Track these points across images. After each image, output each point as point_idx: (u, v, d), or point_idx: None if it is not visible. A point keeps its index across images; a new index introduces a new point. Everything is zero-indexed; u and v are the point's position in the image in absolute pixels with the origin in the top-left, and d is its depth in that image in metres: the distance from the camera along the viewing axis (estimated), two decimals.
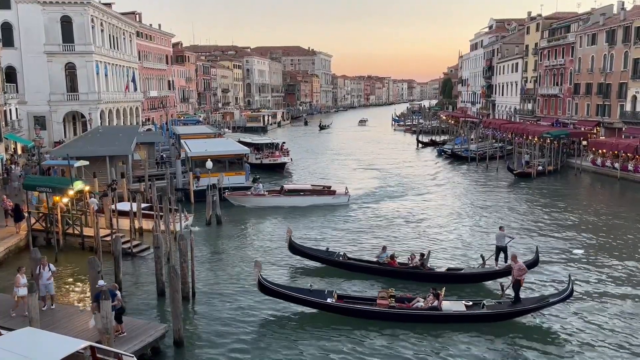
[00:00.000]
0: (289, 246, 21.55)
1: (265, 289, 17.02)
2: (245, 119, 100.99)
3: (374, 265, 20.74)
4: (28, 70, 52.74)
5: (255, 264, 17.23)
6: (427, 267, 20.28)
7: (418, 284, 19.16)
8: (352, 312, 16.73)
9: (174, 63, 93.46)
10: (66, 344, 11.73)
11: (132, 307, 18.03)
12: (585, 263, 22.48)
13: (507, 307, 16.89)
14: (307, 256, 21.90)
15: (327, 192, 34.24)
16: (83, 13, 53.98)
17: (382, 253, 21.25)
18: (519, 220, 30.07)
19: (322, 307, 16.93)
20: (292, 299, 17.19)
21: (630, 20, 49.27)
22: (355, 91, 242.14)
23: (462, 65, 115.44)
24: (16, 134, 45.93)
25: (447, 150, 60.00)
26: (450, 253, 24.05)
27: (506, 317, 16.70)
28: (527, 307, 16.76)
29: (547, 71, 65.86)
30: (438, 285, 17.83)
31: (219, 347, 15.35)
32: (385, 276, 20.16)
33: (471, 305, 16.83)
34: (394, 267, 20.39)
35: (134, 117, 68.88)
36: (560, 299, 16.82)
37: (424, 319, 16.44)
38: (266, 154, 49.57)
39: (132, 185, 33.73)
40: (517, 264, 17.30)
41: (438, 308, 16.42)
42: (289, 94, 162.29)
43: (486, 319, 16.54)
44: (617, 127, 50.82)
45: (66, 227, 24.30)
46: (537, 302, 16.98)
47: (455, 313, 16.52)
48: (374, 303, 16.85)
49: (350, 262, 21.16)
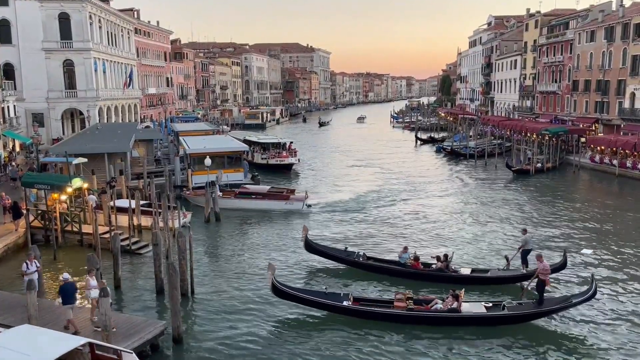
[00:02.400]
0: (305, 245, 20.83)
1: (280, 292, 16.68)
2: (243, 116, 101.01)
3: (395, 267, 20.00)
4: (26, 67, 52.59)
5: (269, 266, 16.86)
6: (452, 268, 19.65)
7: (442, 286, 18.59)
8: (369, 315, 16.31)
9: (172, 60, 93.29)
10: (65, 341, 11.73)
11: (130, 304, 18.08)
12: (599, 262, 21.98)
13: (529, 309, 16.31)
14: (324, 255, 21.14)
15: (281, 197, 32.07)
16: (81, 10, 53.83)
17: (403, 253, 20.39)
18: (520, 219, 30.02)
19: (339, 310, 16.52)
20: (307, 302, 16.80)
21: (629, 17, 49.26)
22: (354, 88, 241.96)
23: (460, 62, 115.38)
24: (14, 131, 45.84)
25: (446, 148, 60.00)
26: (455, 252, 23.23)
27: (528, 318, 16.20)
28: (549, 308, 16.22)
29: (545, 68, 65.85)
30: (462, 287, 17.29)
31: (218, 344, 15.34)
32: (407, 278, 19.46)
33: (491, 306, 16.33)
34: (418, 269, 19.68)
35: (132, 114, 68.77)
36: (584, 299, 16.21)
37: (443, 321, 15.98)
38: (272, 154, 47.17)
39: (130, 182, 33.69)
40: (542, 264, 16.81)
41: (457, 310, 15.95)
42: (287, 91, 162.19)
43: (507, 320, 16.05)
44: (616, 124, 50.86)
45: (65, 225, 24.28)
46: (559, 303, 16.40)
47: (475, 315, 16.04)
48: (391, 305, 16.43)
49: (370, 262, 20.47)
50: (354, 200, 34.57)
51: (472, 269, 20.08)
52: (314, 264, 21.84)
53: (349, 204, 33.65)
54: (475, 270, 20.04)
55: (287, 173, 45.62)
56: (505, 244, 24.94)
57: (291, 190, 33.61)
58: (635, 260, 22.36)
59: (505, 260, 20.12)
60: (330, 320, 16.66)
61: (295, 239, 25.76)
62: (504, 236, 26.38)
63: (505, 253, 21.87)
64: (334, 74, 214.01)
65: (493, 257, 22.79)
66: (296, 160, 47.52)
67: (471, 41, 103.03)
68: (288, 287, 17.04)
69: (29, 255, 16.60)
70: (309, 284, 19.77)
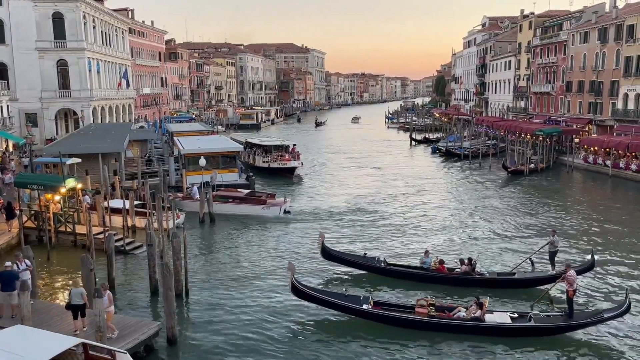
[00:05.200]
0: (322, 251, 20.17)
1: (299, 293, 16.40)
2: (238, 117, 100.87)
3: (419, 271, 19.49)
4: (19, 66, 52.33)
5: (289, 266, 16.57)
6: (477, 272, 19.18)
7: (468, 291, 18.12)
8: (389, 320, 15.89)
9: (167, 60, 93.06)
10: (58, 342, 11.66)
11: (125, 305, 18.01)
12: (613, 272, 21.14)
13: (557, 321, 15.59)
14: (343, 262, 20.51)
15: (258, 202, 30.98)
16: (75, 9, 53.63)
17: (425, 257, 19.77)
18: (521, 219, 30.05)
19: (358, 313, 16.18)
20: (326, 304, 16.50)
21: (622, 19, 49.54)
22: (349, 88, 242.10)
23: (455, 63, 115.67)
24: (7, 131, 45.61)
25: (441, 148, 60.19)
26: (457, 254, 23.19)
27: (555, 331, 15.48)
28: (579, 322, 15.44)
29: (539, 69, 66.12)
30: (488, 291, 16.88)
31: (212, 344, 15.31)
32: (431, 283, 18.99)
33: (517, 317, 15.72)
34: (443, 274, 19.20)
35: (127, 114, 68.55)
36: (617, 314, 15.44)
37: (466, 330, 15.40)
38: (275, 157, 44.82)
39: (124, 182, 33.58)
40: (569, 272, 16.07)
41: (481, 319, 15.40)
42: (282, 92, 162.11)
43: (534, 332, 15.37)
44: (609, 125, 51.13)
45: (58, 225, 24.17)
46: (590, 317, 15.64)
47: (499, 325, 15.43)
48: (412, 311, 15.98)
49: (392, 267, 19.97)
50: (350, 202, 34.38)
51: (498, 272, 19.69)
52: (320, 266, 21.60)
53: (345, 206, 33.43)
54: (501, 273, 19.60)
55: (290, 177, 43.50)
56: (505, 246, 24.88)
57: (271, 195, 32.41)
58: (635, 260, 22.50)
59: (530, 262, 19.73)
60: (335, 322, 16.48)
61: (295, 239, 25.84)
62: (504, 237, 26.27)
63: (518, 254, 21.61)
64: (329, 75, 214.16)
65: (497, 259, 22.59)
66: (299, 163, 45.26)
67: (465, 42, 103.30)
68: (308, 288, 16.75)
69: (17, 255, 16.49)
70: (328, 287, 19.23)
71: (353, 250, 22.88)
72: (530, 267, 19.77)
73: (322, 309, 16.97)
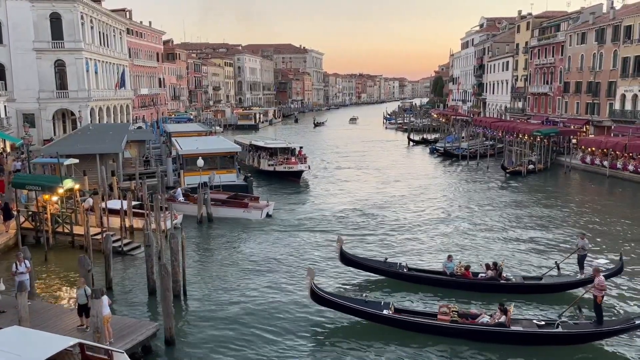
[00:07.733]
0: (340, 257, 19.61)
1: (319, 298, 16.14)
2: (236, 117, 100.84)
3: (443, 277, 18.93)
4: (17, 67, 52.26)
5: (308, 271, 16.30)
6: (504, 277, 18.64)
7: (494, 297, 17.58)
8: (410, 326, 15.47)
9: (164, 60, 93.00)
10: (55, 342, 11.65)
11: (123, 306, 17.98)
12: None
13: (586, 328, 14.94)
14: (362, 267, 19.97)
15: (239, 205, 30.43)
16: (72, 10, 53.58)
17: (448, 262, 19.27)
18: (521, 219, 29.99)
19: (379, 319, 15.80)
20: (346, 310, 16.19)
21: (620, 19, 49.65)
22: (347, 89, 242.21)
23: (453, 64, 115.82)
24: (5, 131, 45.50)
25: (439, 149, 60.23)
26: (458, 256, 22.58)
27: (584, 339, 14.85)
28: (609, 329, 14.76)
29: (537, 70, 66.23)
30: (515, 296, 16.46)
31: (210, 345, 15.30)
32: (456, 288, 18.48)
33: (544, 324, 15.16)
34: (469, 279, 18.68)
35: (125, 114, 68.49)
36: None
37: (490, 336, 14.84)
38: (280, 160, 42.79)
39: (122, 183, 33.53)
40: (597, 278, 15.44)
41: (505, 325, 14.79)
42: (280, 92, 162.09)
43: (561, 340, 14.75)
44: (607, 126, 51.25)
45: (56, 226, 24.13)
46: (620, 324, 14.91)
47: (525, 332, 14.84)
48: (434, 318, 15.54)
49: (414, 273, 19.46)
50: (353, 205, 33.81)
51: (524, 277, 19.22)
52: (332, 271, 21.16)
53: (348, 209, 32.88)
54: (528, 277, 19.20)
55: (296, 181, 41.61)
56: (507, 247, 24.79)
57: (254, 198, 31.92)
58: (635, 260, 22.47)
59: (556, 266, 19.52)
60: (344, 327, 16.30)
61: (293, 240, 25.79)
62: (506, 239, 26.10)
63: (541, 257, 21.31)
64: (327, 75, 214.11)
65: (506, 261, 22.13)
66: (306, 167, 43.00)
67: (463, 43, 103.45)
68: (328, 294, 16.48)
69: (18, 255, 16.48)
70: (346, 292, 18.82)
71: (374, 256, 22.16)
72: (556, 270, 19.46)
73: (323, 310, 16.91)
